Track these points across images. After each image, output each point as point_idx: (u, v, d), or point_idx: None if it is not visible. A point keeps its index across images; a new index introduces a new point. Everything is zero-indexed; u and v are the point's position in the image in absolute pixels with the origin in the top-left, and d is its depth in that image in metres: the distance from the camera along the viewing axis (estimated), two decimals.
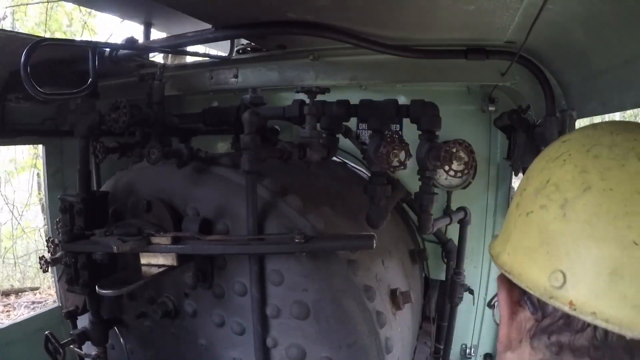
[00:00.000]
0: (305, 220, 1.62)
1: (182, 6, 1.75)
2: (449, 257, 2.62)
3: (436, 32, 1.92)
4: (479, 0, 1.40)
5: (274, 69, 2.48)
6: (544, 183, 0.71)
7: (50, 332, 1.93)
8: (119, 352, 2.02)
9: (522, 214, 0.75)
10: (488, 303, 1.08)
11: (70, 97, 1.76)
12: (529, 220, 0.72)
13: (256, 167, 1.54)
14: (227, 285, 1.67)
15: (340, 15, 1.75)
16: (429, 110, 1.77)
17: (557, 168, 0.71)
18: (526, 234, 0.73)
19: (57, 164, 2.87)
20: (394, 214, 2.36)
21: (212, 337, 1.75)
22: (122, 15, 2.50)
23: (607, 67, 1.54)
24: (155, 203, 1.74)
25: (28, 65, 1.52)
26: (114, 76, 2.72)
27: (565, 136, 0.78)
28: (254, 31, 1.95)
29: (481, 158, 2.61)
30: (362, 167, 2.64)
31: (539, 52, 1.92)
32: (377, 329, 1.62)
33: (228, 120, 2.05)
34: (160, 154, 1.69)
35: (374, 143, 1.67)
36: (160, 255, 1.61)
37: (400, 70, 2.26)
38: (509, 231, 0.79)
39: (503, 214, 2.74)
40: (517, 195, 0.80)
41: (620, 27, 1.33)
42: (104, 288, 1.56)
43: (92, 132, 1.79)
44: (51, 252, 2.02)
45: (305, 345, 1.56)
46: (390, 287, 1.89)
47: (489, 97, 2.55)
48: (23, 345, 2.57)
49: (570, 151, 0.71)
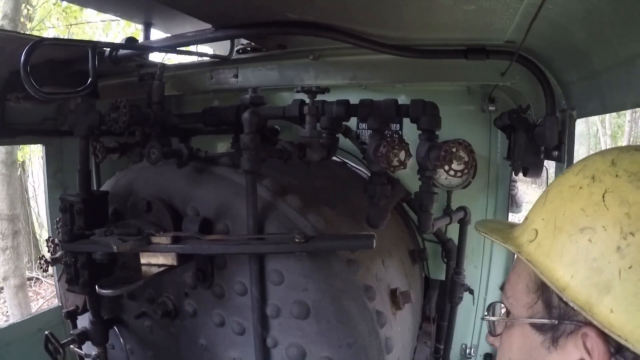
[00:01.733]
0: (305, 220, 1.62)
1: (182, 6, 1.75)
2: (449, 257, 2.62)
3: (436, 32, 1.92)
4: (479, 0, 1.40)
5: (274, 69, 2.48)
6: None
7: (50, 332, 1.93)
8: (119, 352, 2.02)
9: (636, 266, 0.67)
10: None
11: (70, 96, 1.76)
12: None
13: (256, 167, 1.54)
14: (227, 285, 1.67)
15: (340, 15, 1.75)
16: (429, 110, 1.77)
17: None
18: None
19: (57, 164, 2.88)
20: (394, 214, 2.36)
21: (212, 337, 1.75)
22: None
23: (607, 67, 1.54)
24: (155, 203, 1.74)
25: (28, 64, 1.52)
26: (114, 76, 2.72)
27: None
28: (254, 31, 1.95)
29: (481, 158, 2.61)
30: (362, 167, 2.64)
31: (539, 52, 1.92)
32: (377, 329, 1.62)
33: (228, 120, 2.05)
34: (160, 154, 1.69)
35: (374, 143, 1.67)
36: (160, 255, 1.61)
37: (400, 70, 2.25)
38: (606, 280, 0.70)
39: (503, 214, 2.75)
40: (618, 238, 0.70)
41: (620, 27, 1.33)
42: (104, 288, 1.56)
43: (92, 132, 1.79)
44: (51, 252, 2.02)
45: (305, 345, 1.56)
46: (390, 287, 1.89)
47: (489, 97, 2.55)
48: (23, 345, 2.57)
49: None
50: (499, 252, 2.81)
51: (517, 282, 0.90)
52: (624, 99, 1.47)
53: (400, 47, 1.98)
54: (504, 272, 2.82)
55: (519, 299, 0.88)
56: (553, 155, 1.98)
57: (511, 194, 2.91)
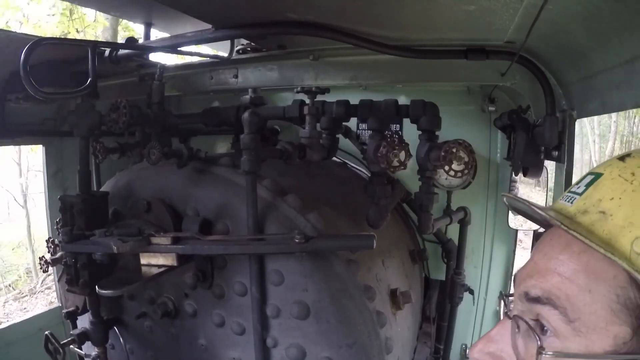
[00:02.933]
0: (305, 220, 1.62)
1: (182, 6, 1.75)
2: (449, 257, 2.62)
3: (436, 32, 1.92)
4: (479, 0, 1.40)
5: (274, 69, 2.48)
6: None
7: (50, 332, 1.93)
8: (119, 352, 2.02)
9: None
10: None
11: (70, 96, 1.76)
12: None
13: (256, 167, 1.54)
14: (227, 285, 1.67)
15: (340, 15, 1.74)
16: (429, 110, 1.77)
17: None
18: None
19: (57, 164, 2.87)
20: (394, 214, 2.36)
21: (212, 337, 1.75)
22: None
23: (607, 67, 1.54)
24: (155, 203, 1.74)
25: (28, 65, 1.52)
26: (114, 76, 2.72)
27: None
28: (254, 31, 1.95)
29: (481, 158, 2.61)
30: (362, 167, 2.64)
31: (539, 52, 1.92)
32: (377, 329, 1.62)
33: (228, 121, 2.05)
34: (160, 154, 1.69)
35: (374, 143, 1.67)
36: (160, 256, 1.61)
37: (400, 70, 2.25)
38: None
39: (503, 214, 2.75)
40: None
41: (620, 27, 1.33)
42: (104, 288, 1.56)
43: (92, 132, 1.79)
44: (51, 252, 2.02)
45: (305, 345, 1.56)
46: (390, 287, 1.89)
47: (489, 97, 2.55)
48: (23, 345, 2.57)
49: None
50: (499, 252, 2.81)
51: (588, 301, 0.63)
52: (624, 99, 1.47)
53: (400, 48, 1.98)
54: (504, 272, 2.82)
55: (595, 327, 0.63)
56: (553, 156, 1.98)
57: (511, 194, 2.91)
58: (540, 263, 0.72)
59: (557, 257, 0.69)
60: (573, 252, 0.67)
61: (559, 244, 0.70)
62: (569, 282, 0.65)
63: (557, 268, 0.68)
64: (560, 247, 0.69)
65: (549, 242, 0.73)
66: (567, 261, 0.67)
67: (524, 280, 0.73)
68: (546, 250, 0.72)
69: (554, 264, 0.69)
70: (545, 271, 0.69)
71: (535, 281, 0.70)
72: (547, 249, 0.72)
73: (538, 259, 0.73)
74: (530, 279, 0.71)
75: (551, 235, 0.74)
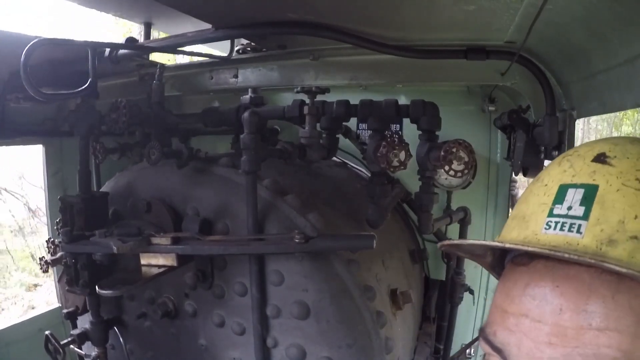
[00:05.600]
0: (305, 220, 1.62)
1: (182, 6, 1.75)
2: (449, 257, 2.62)
3: (436, 32, 1.92)
4: (479, 0, 1.40)
5: (274, 69, 2.48)
6: None
7: (50, 332, 1.93)
8: (119, 352, 2.02)
9: None
10: None
11: (70, 96, 1.76)
12: None
13: (256, 167, 1.54)
14: (227, 285, 1.67)
15: (340, 15, 1.74)
16: (429, 110, 1.77)
17: None
18: None
19: (57, 164, 2.87)
20: (394, 214, 2.36)
21: (212, 337, 1.75)
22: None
23: (607, 67, 1.54)
24: (155, 203, 1.74)
25: (28, 65, 1.52)
26: (114, 76, 2.72)
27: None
28: (254, 31, 1.95)
29: (481, 158, 2.61)
30: (362, 167, 2.64)
31: (539, 52, 1.92)
32: (377, 329, 1.62)
33: (228, 120, 2.05)
34: (160, 154, 1.69)
35: (374, 143, 1.67)
36: (160, 256, 1.61)
37: (400, 70, 2.25)
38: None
39: (503, 214, 2.75)
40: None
41: (620, 27, 1.33)
42: (104, 288, 1.56)
43: (92, 132, 1.79)
44: (51, 253, 2.02)
45: (306, 345, 1.57)
46: (390, 287, 1.89)
47: (489, 97, 2.55)
48: (23, 346, 2.57)
49: None
50: None
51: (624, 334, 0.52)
52: (624, 99, 1.47)
53: (400, 47, 1.97)
54: None
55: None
56: (553, 155, 1.98)
57: (511, 194, 2.91)
58: (558, 321, 0.55)
59: (585, 310, 0.54)
60: (605, 296, 0.53)
61: (575, 291, 0.55)
62: (618, 334, 0.51)
63: (592, 323, 0.53)
64: (580, 295, 0.55)
65: (550, 292, 0.57)
66: (602, 310, 0.53)
67: (540, 348, 0.55)
68: (556, 303, 0.56)
69: (584, 319, 0.53)
70: (577, 332, 0.53)
71: (572, 349, 0.53)
72: (555, 301, 0.56)
73: (547, 317, 0.56)
74: (556, 348, 0.54)
75: (542, 281, 0.59)
